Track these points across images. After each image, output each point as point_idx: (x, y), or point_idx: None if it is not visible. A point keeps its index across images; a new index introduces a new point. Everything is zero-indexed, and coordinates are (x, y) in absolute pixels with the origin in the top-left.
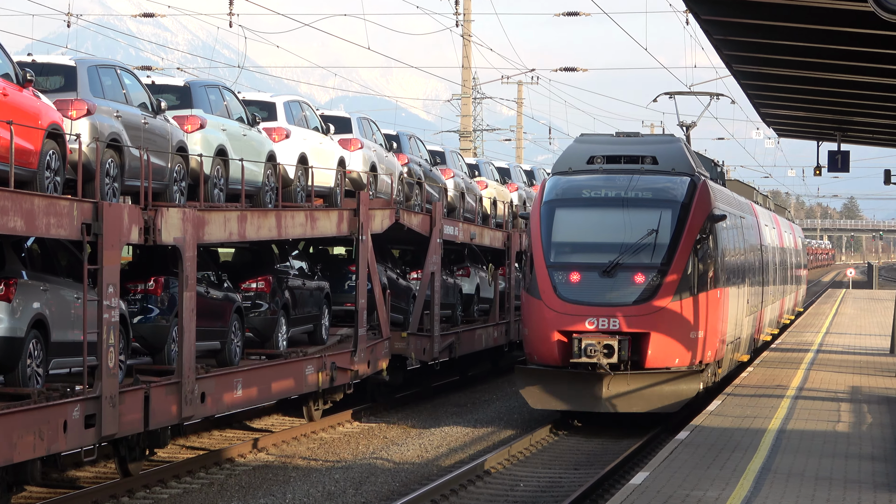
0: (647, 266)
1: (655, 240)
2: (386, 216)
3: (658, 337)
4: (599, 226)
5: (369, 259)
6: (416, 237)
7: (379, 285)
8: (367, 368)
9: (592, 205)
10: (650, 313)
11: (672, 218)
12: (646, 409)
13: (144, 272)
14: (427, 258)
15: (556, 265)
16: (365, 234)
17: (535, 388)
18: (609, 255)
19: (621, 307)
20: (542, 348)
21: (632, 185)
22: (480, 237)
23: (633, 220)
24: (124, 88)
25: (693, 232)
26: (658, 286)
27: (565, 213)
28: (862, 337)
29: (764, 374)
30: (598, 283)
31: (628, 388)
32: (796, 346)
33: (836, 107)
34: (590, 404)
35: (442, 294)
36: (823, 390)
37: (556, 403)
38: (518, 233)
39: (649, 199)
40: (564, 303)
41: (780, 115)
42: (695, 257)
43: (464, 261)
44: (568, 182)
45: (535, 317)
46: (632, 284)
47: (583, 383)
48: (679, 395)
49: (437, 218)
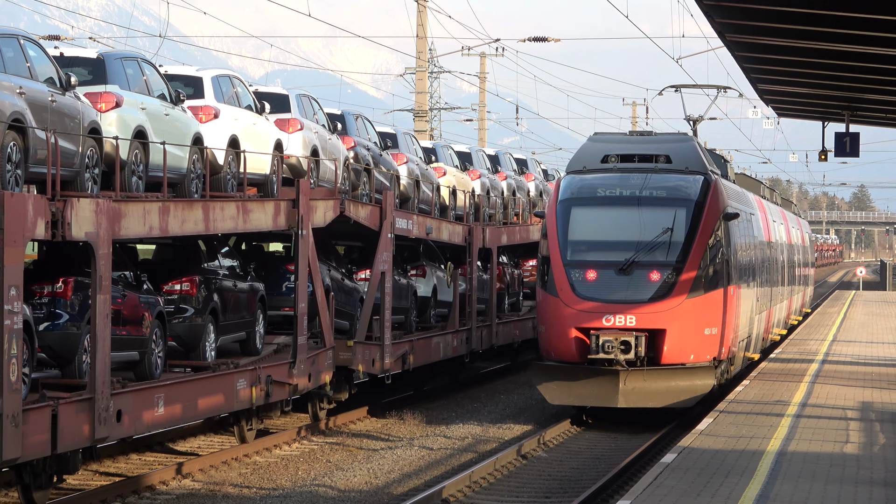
0: (663, 264)
1: (670, 238)
2: (329, 208)
3: (674, 333)
4: (615, 224)
5: (310, 257)
6: (363, 232)
7: (321, 287)
8: (307, 382)
9: (608, 203)
10: (666, 310)
11: (686, 216)
12: (661, 405)
13: (52, 272)
14: (376, 256)
15: (573, 263)
16: (305, 228)
17: (553, 384)
18: (625, 252)
19: (638, 304)
20: (559, 345)
21: (646, 183)
22: (438, 232)
23: (648, 219)
24: (28, 61)
25: (707, 230)
26: (673, 284)
27: (581, 212)
28: (874, 346)
29: (762, 388)
30: (614, 281)
31: (645, 384)
32: (799, 356)
33: (844, 82)
34: (607, 399)
35: (394, 297)
36: (829, 406)
37: (573, 399)
38: (481, 227)
39: (664, 198)
40: (582, 300)
41: (779, 92)
42: (709, 255)
43: (419, 259)
44: (583, 181)
45: (553, 314)
46: (648, 282)
47: (600, 379)
48: (694, 390)
49: (387, 210)
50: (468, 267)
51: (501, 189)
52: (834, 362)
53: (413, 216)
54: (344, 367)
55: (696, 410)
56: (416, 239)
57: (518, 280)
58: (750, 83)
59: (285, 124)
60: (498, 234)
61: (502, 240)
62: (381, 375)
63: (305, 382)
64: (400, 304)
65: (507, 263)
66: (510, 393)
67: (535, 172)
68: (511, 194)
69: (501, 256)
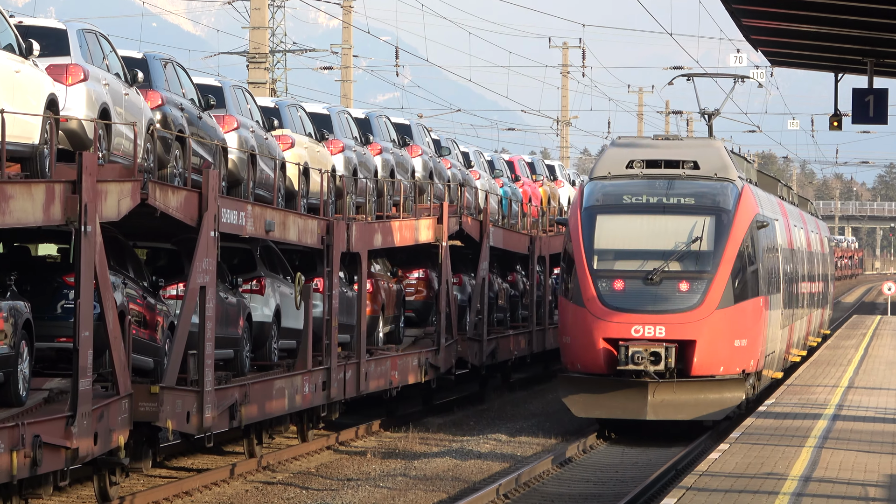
0: (693, 274)
1: (700, 247)
2: (126, 193)
3: (704, 345)
4: (643, 233)
5: (98, 264)
6: (175, 228)
7: (114, 308)
8: (92, 445)
9: (634, 211)
10: (696, 321)
11: (716, 225)
12: (691, 417)
13: None
14: (194, 264)
15: (601, 273)
16: (91, 222)
17: (579, 396)
18: (653, 262)
19: (667, 314)
20: (585, 356)
21: (674, 190)
22: (283, 229)
23: (676, 227)
24: None
25: (737, 239)
26: (704, 294)
27: (607, 220)
28: None
29: (748, 455)
30: (643, 291)
31: (674, 396)
32: (800, 409)
33: (867, 16)
34: (635, 412)
35: (219, 323)
36: (843, 482)
37: (600, 411)
38: (345, 222)
39: (692, 206)
40: (610, 310)
41: (774, 30)
42: (739, 265)
43: (255, 268)
44: (607, 187)
45: (579, 325)
46: (677, 292)
47: (628, 391)
48: (724, 403)
49: (210, 197)
50: (325, 280)
51: (375, 168)
52: (849, 418)
53: (247, 206)
54: (146, 424)
55: (723, 426)
56: (251, 239)
57: (398, 298)
58: (730, 15)
59: (62, 73)
60: (369, 232)
61: (375, 241)
62: (198, 436)
63: (90, 445)
64: (228, 333)
65: (383, 275)
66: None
67: (423, 144)
68: (388, 175)
69: (374, 264)
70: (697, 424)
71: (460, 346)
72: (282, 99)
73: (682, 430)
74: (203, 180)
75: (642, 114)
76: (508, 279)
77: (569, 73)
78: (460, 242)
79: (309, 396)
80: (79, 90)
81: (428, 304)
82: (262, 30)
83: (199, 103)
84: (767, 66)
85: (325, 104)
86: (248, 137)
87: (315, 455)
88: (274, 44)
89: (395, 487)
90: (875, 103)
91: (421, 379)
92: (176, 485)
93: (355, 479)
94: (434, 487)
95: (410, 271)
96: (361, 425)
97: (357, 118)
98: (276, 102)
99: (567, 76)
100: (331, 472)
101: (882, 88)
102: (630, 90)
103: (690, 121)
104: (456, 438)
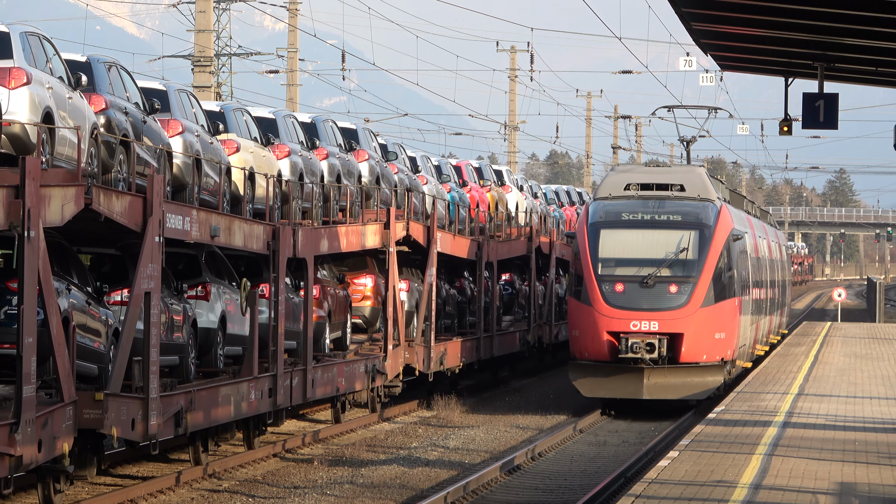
0: (681, 278)
1: (686, 256)
2: (70, 198)
3: (690, 337)
4: (639, 244)
5: (41, 270)
6: (120, 234)
7: (58, 314)
8: (36, 453)
9: (632, 226)
10: (684, 317)
11: (699, 238)
12: (678, 397)
13: None
14: (138, 269)
15: (604, 277)
16: (34, 227)
17: (587, 379)
18: (648, 268)
19: (660, 312)
20: (591, 346)
21: (664, 209)
22: (228, 234)
23: (666, 240)
24: None
25: (717, 250)
26: (689, 295)
27: (609, 234)
28: (857, 402)
29: (698, 463)
30: (639, 293)
31: (665, 380)
32: (749, 416)
33: (817, 20)
34: (633, 392)
35: (165, 329)
36: (794, 489)
37: (604, 392)
38: (291, 227)
39: (679, 221)
40: (612, 308)
41: (724, 34)
42: (718, 271)
43: (200, 274)
44: (609, 206)
45: (587, 320)
46: (668, 293)
47: (627, 375)
48: (706, 385)
49: (154, 201)
50: (271, 286)
51: (321, 172)
52: (800, 425)
53: (192, 211)
54: (91, 431)
55: (704, 405)
56: (196, 245)
57: (344, 305)
58: (680, 19)
59: (4, 76)
60: (315, 238)
61: (322, 247)
62: (143, 443)
63: (34, 453)
64: (173, 340)
65: (330, 281)
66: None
67: (370, 149)
68: (335, 180)
69: (321, 270)
70: (684, 403)
71: (407, 353)
72: (227, 103)
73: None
74: (148, 185)
75: (591, 118)
76: (456, 285)
77: (517, 77)
78: (408, 248)
79: (255, 403)
80: (21, 94)
81: (375, 311)
82: (208, 33)
83: (144, 107)
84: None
85: (270, 108)
86: (194, 142)
87: (261, 462)
88: (219, 47)
89: (343, 495)
90: (825, 108)
91: (368, 386)
92: (121, 492)
93: (302, 487)
94: (381, 495)
95: (357, 277)
96: (308, 433)
97: (303, 122)
98: (222, 106)
99: (515, 80)
100: (277, 479)
101: (832, 93)
102: (579, 94)
103: (639, 125)
104: (403, 446)
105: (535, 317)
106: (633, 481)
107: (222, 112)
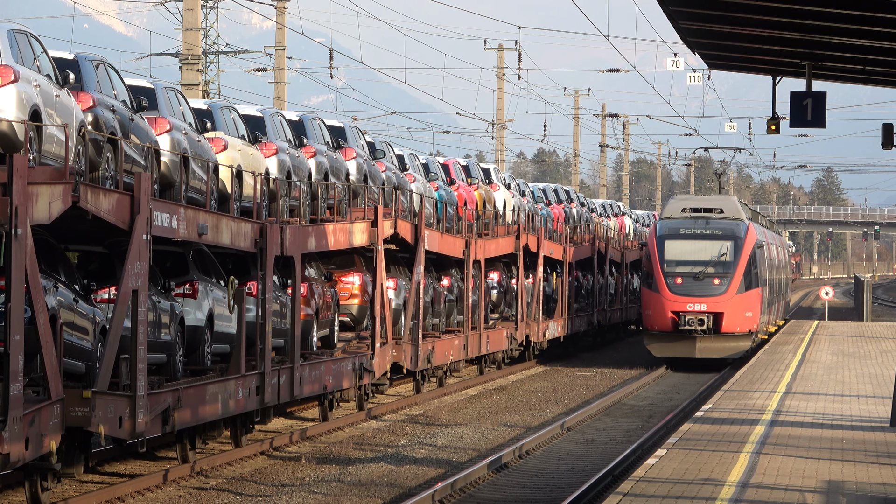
0: (721, 274)
1: (725, 258)
2: (57, 196)
3: (728, 314)
4: (692, 250)
5: (29, 267)
6: (107, 232)
7: (45, 311)
8: (24, 450)
9: (687, 237)
10: (724, 301)
11: (734, 246)
12: (720, 356)
13: None
14: (126, 267)
15: (668, 273)
16: (22, 225)
17: (657, 344)
18: (698, 267)
19: (707, 297)
20: (659, 321)
21: (709, 225)
22: (216, 232)
23: (711, 247)
24: None
25: (746, 254)
26: (727, 286)
27: (671, 243)
28: (844, 400)
29: (685, 461)
30: (693, 284)
31: (711, 344)
32: (737, 414)
33: (805, 19)
34: (688, 353)
35: (152, 327)
36: (781, 487)
37: (669, 352)
38: (279, 225)
39: (720, 234)
40: (674, 295)
41: (711, 33)
42: (747, 269)
43: (188, 272)
44: (670, 223)
45: (656, 303)
46: (713, 284)
47: (684, 341)
48: (739, 348)
49: (142, 199)
50: (259, 284)
51: (309, 170)
52: (787, 423)
53: (179, 209)
54: (78, 429)
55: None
56: (183, 243)
57: (331, 303)
58: (668, 18)
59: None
60: (303, 236)
61: (309, 245)
62: (131, 441)
63: (21, 450)
64: (160, 338)
65: (317, 279)
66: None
67: (358, 147)
68: (322, 178)
69: (308, 268)
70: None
71: (395, 351)
72: (215, 101)
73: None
74: (135, 183)
75: (578, 117)
76: (444, 283)
77: (504, 75)
78: (395, 246)
79: (242, 401)
80: (9, 91)
81: (362, 309)
82: (195, 31)
83: (132, 105)
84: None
85: (258, 106)
86: (181, 140)
87: (249, 460)
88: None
89: (330, 493)
90: (813, 106)
91: (355, 384)
92: (108, 490)
93: (289, 485)
94: (369, 493)
95: (345, 275)
96: (296, 431)
97: (291, 120)
98: (209, 104)
99: (503, 79)
100: (265, 477)
101: (820, 91)
102: (566, 93)
103: (627, 124)
104: (391, 444)
105: (522, 314)
106: (620, 479)
107: (210, 110)
